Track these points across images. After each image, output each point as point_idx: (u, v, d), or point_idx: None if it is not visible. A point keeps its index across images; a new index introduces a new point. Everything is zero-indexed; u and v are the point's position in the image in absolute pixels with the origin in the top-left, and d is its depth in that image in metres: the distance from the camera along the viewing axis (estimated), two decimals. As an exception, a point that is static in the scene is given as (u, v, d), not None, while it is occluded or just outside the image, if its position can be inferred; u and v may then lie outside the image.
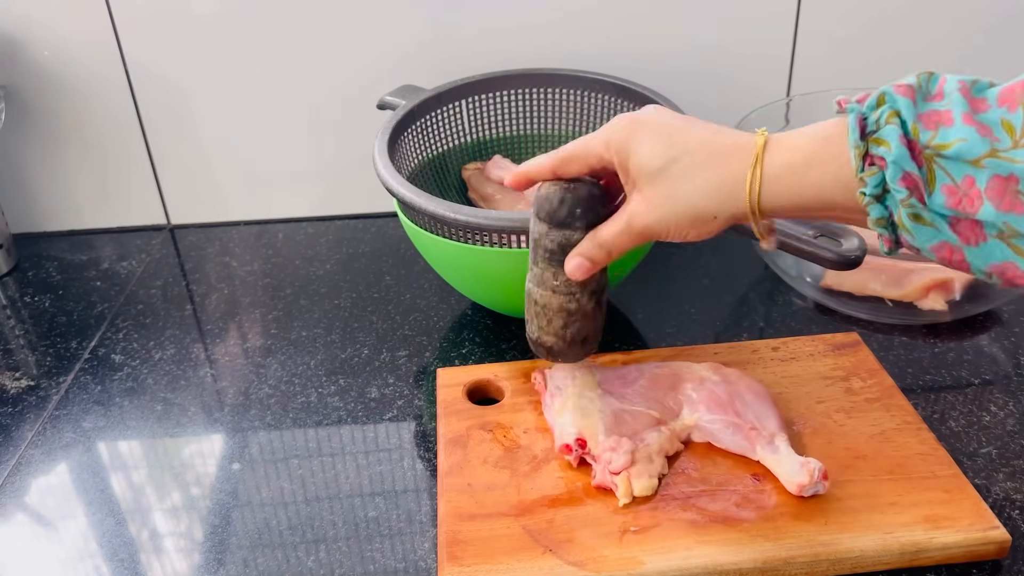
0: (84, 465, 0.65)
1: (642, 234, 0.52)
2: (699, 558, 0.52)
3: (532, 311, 0.59)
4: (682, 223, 0.50)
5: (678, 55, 0.89)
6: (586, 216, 0.55)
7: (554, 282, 0.57)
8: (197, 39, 0.87)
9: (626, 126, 0.51)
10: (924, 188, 0.42)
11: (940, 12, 0.87)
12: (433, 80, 0.84)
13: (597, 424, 0.59)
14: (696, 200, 0.49)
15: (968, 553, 0.53)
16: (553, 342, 0.59)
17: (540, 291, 0.58)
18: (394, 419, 0.68)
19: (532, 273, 0.58)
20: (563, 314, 0.58)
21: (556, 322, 0.58)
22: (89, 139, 0.92)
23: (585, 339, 0.59)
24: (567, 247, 0.55)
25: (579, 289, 0.57)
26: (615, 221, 0.53)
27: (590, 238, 0.54)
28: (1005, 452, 0.62)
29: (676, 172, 0.49)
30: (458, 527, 0.55)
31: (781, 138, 0.47)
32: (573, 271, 0.55)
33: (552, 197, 0.55)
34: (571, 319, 0.58)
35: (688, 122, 0.51)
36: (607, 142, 0.52)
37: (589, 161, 0.53)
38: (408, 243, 0.88)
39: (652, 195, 0.50)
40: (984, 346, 0.73)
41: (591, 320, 0.59)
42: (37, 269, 0.91)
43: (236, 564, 0.56)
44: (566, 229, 0.55)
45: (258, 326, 0.80)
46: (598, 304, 0.59)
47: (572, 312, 0.57)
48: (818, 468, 0.55)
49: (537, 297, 0.58)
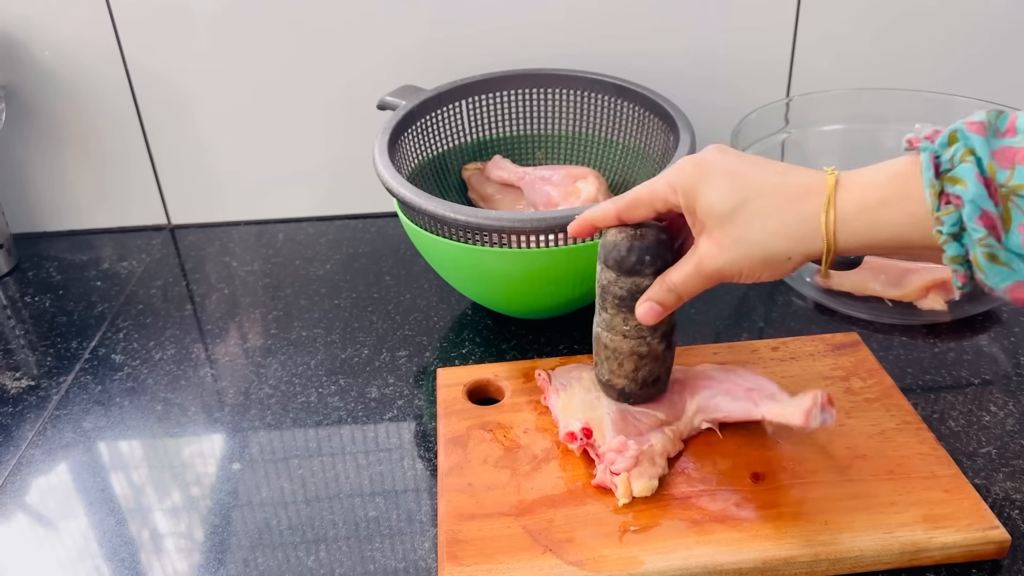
0: (84, 465, 0.65)
1: (712, 277, 0.51)
2: (699, 558, 0.52)
3: (603, 355, 0.59)
4: (755, 265, 0.50)
5: (678, 55, 0.89)
6: (655, 262, 0.54)
7: (624, 327, 0.57)
8: (197, 39, 0.87)
9: (692, 169, 0.51)
10: (1001, 227, 0.42)
11: (940, 13, 0.87)
12: (433, 80, 0.84)
13: (604, 419, 0.59)
14: (769, 242, 0.49)
15: (968, 553, 0.53)
16: (625, 384, 0.59)
17: (610, 336, 0.58)
18: (394, 419, 0.68)
19: (601, 318, 0.58)
20: (634, 357, 0.58)
21: (627, 365, 0.58)
22: (89, 139, 0.92)
23: (656, 380, 0.60)
24: (637, 293, 0.55)
25: (650, 333, 0.57)
26: (685, 264, 0.52)
27: (659, 283, 0.54)
28: (1005, 452, 0.62)
29: (747, 215, 0.49)
30: (458, 527, 0.55)
31: (852, 176, 0.47)
32: (644, 316, 0.54)
33: (620, 245, 0.55)
34: (642, 362, 0.58)
35: (754, 162, 0.51)
36: (673, 186, 0.51)
37: (655, 205, 0.53)
38: (408, 243, 0.88)
39: (722, 238, 0.50)
40: (984, 346, 0.73)
41: (662, 361, 0.59)
42: (37, 269, 0.91)
43: (236, 564, 0.56)
44: (635, 276, 0.55)
45: (258, 326, 0.80)
46: (668, 345, 0.59)
47: (643, 355, 0.58)
48: (820, 393, 0.54)
49: (607, 341, 0.58)
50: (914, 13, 0.87)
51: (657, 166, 0.79)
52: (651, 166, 0.80)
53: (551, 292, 0.71)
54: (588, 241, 0.66)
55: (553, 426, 0.63)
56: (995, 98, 0.83)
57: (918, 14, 0.87)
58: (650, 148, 0.81)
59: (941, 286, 0.74)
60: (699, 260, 0.51)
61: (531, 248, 0.66)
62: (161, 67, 0.89)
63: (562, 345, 0.74)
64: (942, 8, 0.87)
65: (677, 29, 0.88)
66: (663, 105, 0.78)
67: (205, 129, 0.92)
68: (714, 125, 0.86)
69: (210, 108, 0.91)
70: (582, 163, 0.86)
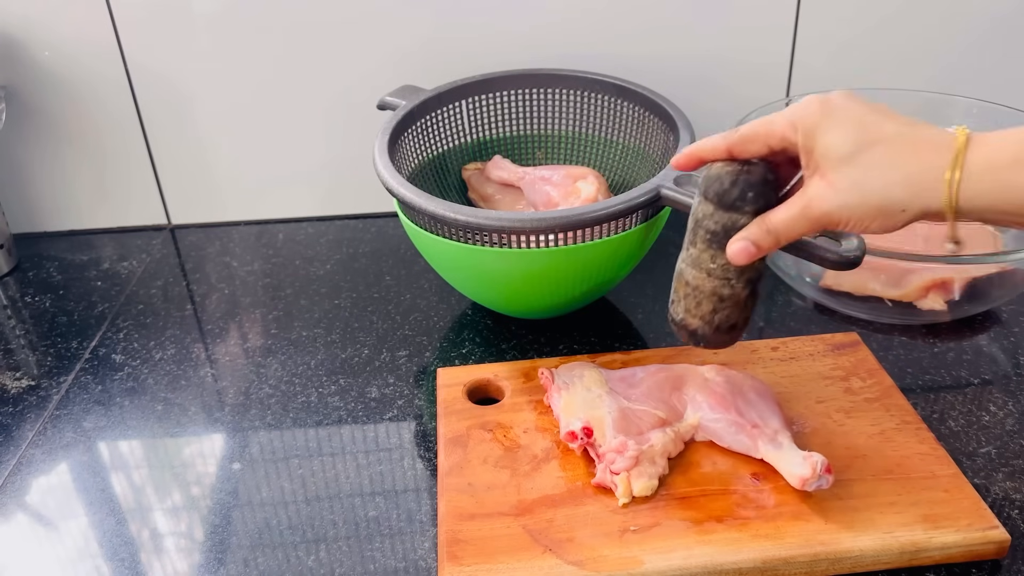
0: (85, 465, 0.66)
1: (819, 220, 0.49)
2: (699, 558, 0.52)
3: (681, 292, 0.56)
4: (867, 212, 0.48)
5: (677, 55, 0.89)
6: (757, 201, 0.52)
7: (711, 264, 0.54)
8: (197, 39, 0.87)
9: (817, 108, 0.49)
10: None
11: (939, 13, 0.87)
12: (433, 80, 0.84)
13: (605, 418, 0.59)
14: (887, 191, 0.47)
15: (967, 553, 0.53)
16: (698, 325, 0.56)
17: (693, 272, 0.55)
18: (394, 419, 0.68)
19: (687, 253, 0.56)
20: (714, 298, 0.55)
21: (705, 306, 0.55)
22: (89, 139, 0.92)
23: (732, 327, 0.57)
24: (731, 231, 0.53)
25: (736, 275, 0.54)
26: (789, 206, 0.50)
27: (759, 222, 0.52)
28: (1004, 452, 0.62)
29: (869, 159, 0.47)
30: (458, 527, 0.55)
31: (984, 136, 0.46)
32: (736, 255, 0.52)
33: (724, 177, 0.52)
34: (722, 304, 0.55)
35: (881, 110, 0.49)
36: (794, 122, 0.50)
37: (770, 141, 0.51)
38: (408, 243, 0.88)
39: (838, 180, 0.48)
40: (983, 346, 0.73)
41: (742, 308, 0.56)
42: (38, 269, 0.91)
43: (236, 563, 0.56)
44: (734, 212, 0.52)
45: (258, 326, 0.80)
46: (752, 293, 0.56)
47: (724, 298, 0.55)
48: (821, 462, 0.54)
49: (689, 278, 0.55)
50: (913, 13, 0.87)
51: (657, 166, 0.79)
52: (651, 166, 0.80)
53: (551, 292, 0.71)
54: (588, 242, 0.66)
55: (553, 426, 0.63)
56: (995, 98, 0.84)
57: (917, 14, 0.87)
58: (650, 148, 0.81)
59: (941, 286, 0.74)
60: (808, 201, 0.49)
61: (531, 248, 0.66)
62: (161, 67, 0.89)
63: (562, 345, 0.75)
64: (941, 8, 0.87)
65: (677, 29, 0.88)
66: (663, 105, 0.78)
67: (205, 129, 0.92)
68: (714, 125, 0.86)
69: (210, 108, 0.91)
70: (582, 163, 0.86)
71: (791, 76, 0.90)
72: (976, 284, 0.73)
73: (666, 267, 0.84)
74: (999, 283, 0.73)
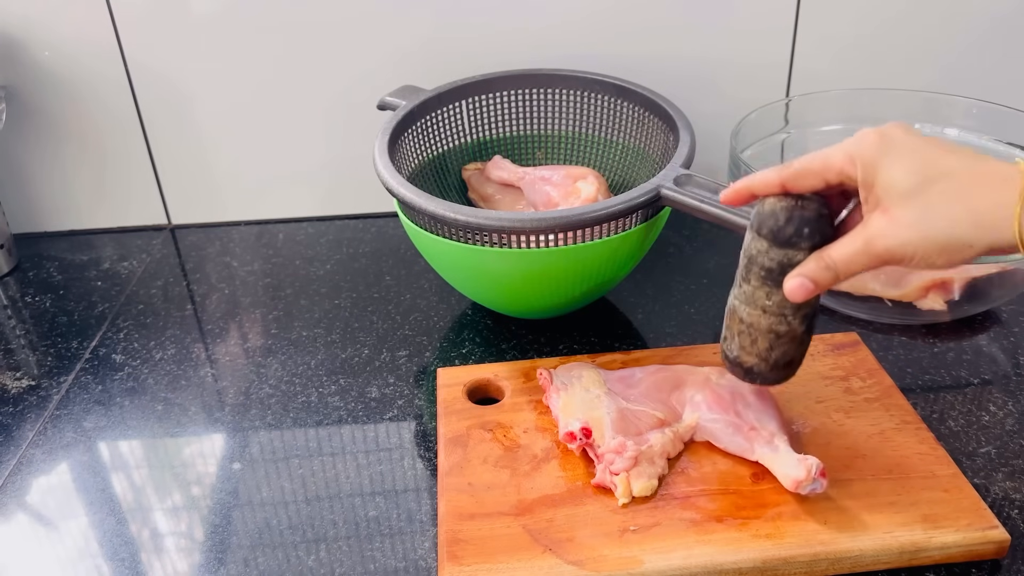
0: (85, 465, 0.66)
1: (881, 257, 0.49)
2: (699, 558, 0.52)
3: (735, 329, 0.56)
4: (932, 249, 0.47)
5: (678, 56, 0.89)
6: (813, 236, 0.51)
7: (766, 302, 0.53)
8: (197, 39, 0.87)
9: (875, 141, 0.49)
10: None
11: (939, 14, 0.87)
12: (433, 80, 0.84)
13: (603, 419, 0.59)
14: (953, 228, 0.46)
15: (967, 553, 0.53)
16: (755, 363, 0.56)
17: (748, 309, 0.54)
18: (394, 419, 0.68)
19: (741, 290, 0.55)
20: (771, 336, 0.54)
21: (761, 343, 0.55)
22: (89, 139, 0.92)
23: (789, 363, 0.56)
24: (787, 267, 0.52)
25: (792, 311, 0.53)
26: (849, 241, 0.50)
27: (816, 258, 0.51)
28: (1004, 452, 0.62)
29: (932, 195, 0.47)
30: (458, 526, 0.55)
31: None
32: (793, 292, 0.51)
33: (779, 214, 0.51)
34: (778, 341, 0.55)
35: (940, 144, 0.48)
36: (852, 156, 0.49)
37: (827, 176, 0.50)
38: (408, 243, 0.88)
39: (902, 216, 0.47)
40: (983, 346, 0.73)
41: (798, 344, 0.55)
42: (38, 269, 0.91)
43: (237, 563, 0.56)
44: (789, 248, 0.52)
45: (258, 326, 0.80)
46: (808, 329, 0.55)
47: (781, 335, 0.54)
48: (816, 465, 0.55)
49: (744, 315, 0.55)
50: (913, 14, 0.87)
51: (657, 166, 0.79)
52: (651, 166, 0.80)
53: (551, 292, 0.71)
54: (588, 242, 0.66)
55: (553, 426, 0.63)
56: (994, 98, 0.84)
57: (917, 15, 0.87)
58: (650, 148, 0.81)
59: (940, 286, 0.74)
60: (869, 238, 0.48)
61: (531, 248, 0.66)
62: (161, 67, 0.89)
63: (562, 345, 0.75)
64: (941, 9, 0.87)
65: (677, 30, 0.88)
66: (663, 105, 0.78)
67: (205, 129, 0.92)
68: (714, 125, 0.86)
69: (210, 108, 0.91)
70: (582, 163, 0.86)
71: (791, 77, 0.90)
72: (976, 284, 0.73)
73: (666, 267, 0.85)
74: (999, 283, 0.73)
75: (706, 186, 0.66)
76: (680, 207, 0.66)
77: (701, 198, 0.65)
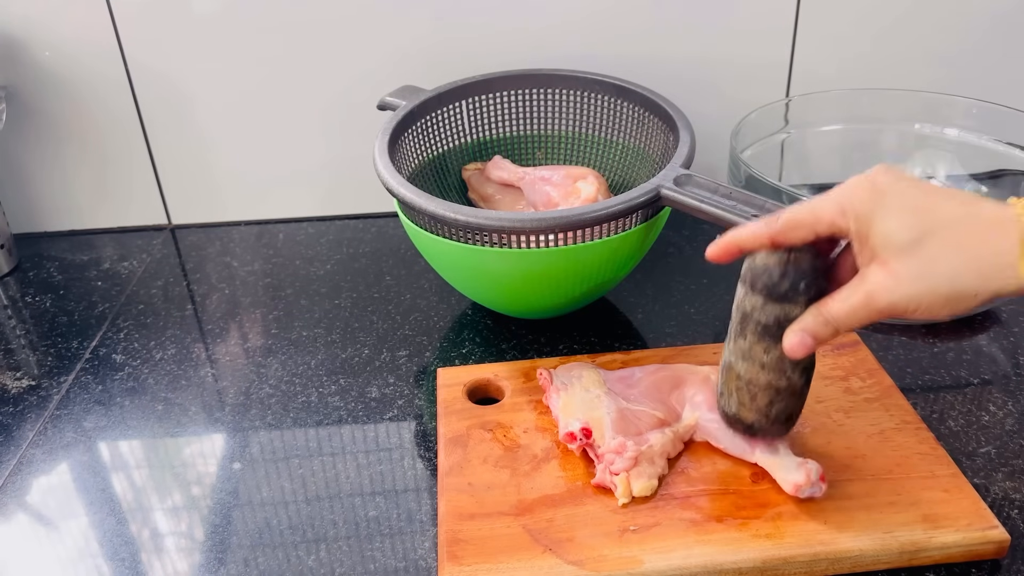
0: (85, 465, 0.66)
1: (883, 312, 0.48)
2: (699, 557, 0.52)
3: (732, 385, 0.55)
4: (936, 302, 0.46)
5: (677, 56, 0.89)
6: (809, 290, 0.50)
7: (764, 357, 0.53)
8: (198, 39, 0.87)
9: (867, 193, 0.48)
10: None
11: (939, 14, 0.87)
12: (433, 81, 0.84)
13: (603, 419, 0.59)
14: (956, 279, 0.46)
15: (967, 552, 0.53)
16: (755, 419, 0.55)
17: (745, 365, 0.54)
18: (394, 419, 0.68)
19: (736, 345, 0.54)
20: (770, 392, 0.54)
21: (761, 399, 0.54)
22: (90, 139, 0.92)
23: (789, 417, 0.55)
24: (784, 322, 0.51)
25: (791, 367, 0.53)
26: (850, 295, 0.48)
27: (815, 313, 0.50)
28: (1004, 452, 0.62)
29: (932, 248, 0.46)
30: (458, 526, 0.55)
31: None
32: (793, 349, 0.50)
33: (772, 270, 0.51)
34: (778, 396, 0.54)
35: (933, 190, 0.48)
36: (844, 209, 0.48)
37: (817, 228, 0.49)
38: (408, 243, 0.88)
39: (901, 270, 0.47)
40: (983, 346, 0.73)
41: (798, 398, 0.55)
42: (38, 269, 0.91)
43: (237, 563, 0.57)
44: (786, 303, 0.51)
45: (259, 326, 0.80)
46: (807, 381, 0.54)
47: (780, 390, 0.53)
48: (815, 469, 0.55)
49: (742, 371, 0.54)
50: (913, 14, 0.87)
51: (657, 166, 0.79)
52: (651, 166, 0.80)
53: (551, 292, 0.71)
54: (588, 242, 0.66)
55: (553, 426, 0.63)
56: (994, 99, 0.84)
57: (917, 15, 0.87)
58: (650, 148, 0.81)
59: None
60: (870, 293, 0.48)
61: (531, 248, 0.66)
62: (162, 67, 0.89)
63: (562, 345, 0.75)
64: (941, 9, 0.87)
65: (677, 30, 0.88)
66: (663, 105, 0.78)
67: (206, 129, 0.92)
68: (714, 125, 0.86)
69: (211, 108, 0.91)
70: (582, 163, 0.86)
71: (791, 77, 0.90)
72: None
73: (666, 267, 0.85)
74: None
75: (706, 186, 0.66)
76: (680, 207, 0.66)
77: (701, 198, 0.65)
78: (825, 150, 0.90)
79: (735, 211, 0.63)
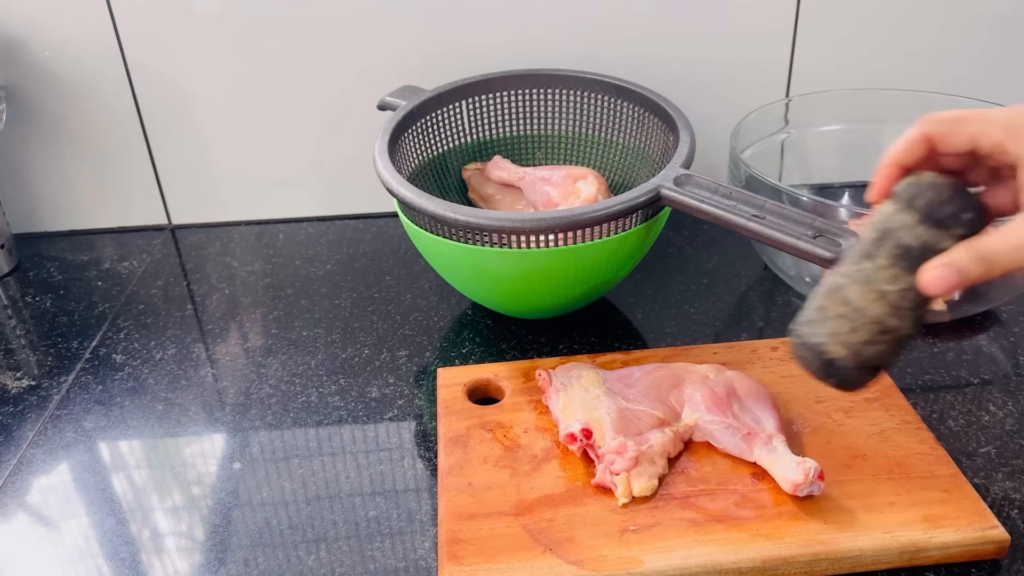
0: (85, 465, 0.66)
1: None
2: (699, 557, 0.52)
3: (833, 311, 0.47)
4: None
5: (677, 56, 0.89)
6: (971, 225, 0.45)
7: (888, 286, 0.46)
8: (198, 39, 0.87)
9: None
10: None
11: (939, 14, 0.87)
12: (433, 81, 0.84)
13: (603, 419, 0.59)
14: None
15: (967, 552, 0.53)
16: (842, 355, 0.47)
17: (861, 292, 0.46)
18: (394, 419, 0.68)
19: (859, 267, 0.47)
20: (875, 328, 0.46)
21: (861, 334, 0.46)
22: (90, 139, 0.92)
23: (876, 368, 0.48)
24: (929, 252, 0.45)
25: (912, 305, 0.46)
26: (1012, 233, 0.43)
27: (968, 248, 0.44)
28: (1004, 451, 0.62)
29: None
30: (458, 526, 0.55)
31: None
32: (932, 282, 0.44)
33: (942, 188, 0.45)
34: (881, 337, 0.46)
35: None
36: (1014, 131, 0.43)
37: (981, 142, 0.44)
38: (408, 243, 0.88)
39: None
40: (983, 346, 0.73)
41: (896, 348, 0.47)
42: (38, 269, 0.91)
43: (237, 563, 0.57)
44: (941, 230, 0.45)
45: (259, 326, 0.80)
46: (913, 335, 0.47)
47: (887, 331, 0.46)
48: (814, 468, 0.55)
49: (852, 296, 0.46)
50: (913, 14, 0.87)
51: (657, 166, 0.79)
52: (651, 166, 0.80)
53: (551, 292, 0.71)
54: (588, 242, 0.66)
55: (553, 426, 0.63)
56: (994, 98, 0.84)
57: (917, 15, 0.87)
58: (650, 148, 0.81)
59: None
60: None
61: (531, 248, 0.66)
62: (162, 66, 0.89)
63: (562, 345, 0.75)
64: (941, 9, 0.87)
65: (677, 31, 0.88)
66: (663, 105, 0.78)
67: (206, 129, 0.92)
68: (714, 125, 0.86)
69: (211, 108, 0.91)
70: (582, 163, 0.86)
71: (791, 77, 0.91)
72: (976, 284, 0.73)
73: (666, 267, 0.85)
74: (999, 283, 0.73)
75: (706, 186, 0.66)
76: (680, 207, 0.66)
77: (701, 198, 0.65)
78: (825, 150, 0.90)
79: (735, 211, 0.63)
